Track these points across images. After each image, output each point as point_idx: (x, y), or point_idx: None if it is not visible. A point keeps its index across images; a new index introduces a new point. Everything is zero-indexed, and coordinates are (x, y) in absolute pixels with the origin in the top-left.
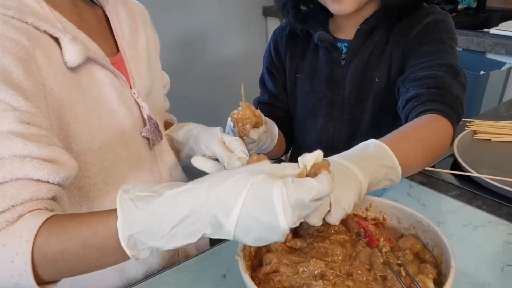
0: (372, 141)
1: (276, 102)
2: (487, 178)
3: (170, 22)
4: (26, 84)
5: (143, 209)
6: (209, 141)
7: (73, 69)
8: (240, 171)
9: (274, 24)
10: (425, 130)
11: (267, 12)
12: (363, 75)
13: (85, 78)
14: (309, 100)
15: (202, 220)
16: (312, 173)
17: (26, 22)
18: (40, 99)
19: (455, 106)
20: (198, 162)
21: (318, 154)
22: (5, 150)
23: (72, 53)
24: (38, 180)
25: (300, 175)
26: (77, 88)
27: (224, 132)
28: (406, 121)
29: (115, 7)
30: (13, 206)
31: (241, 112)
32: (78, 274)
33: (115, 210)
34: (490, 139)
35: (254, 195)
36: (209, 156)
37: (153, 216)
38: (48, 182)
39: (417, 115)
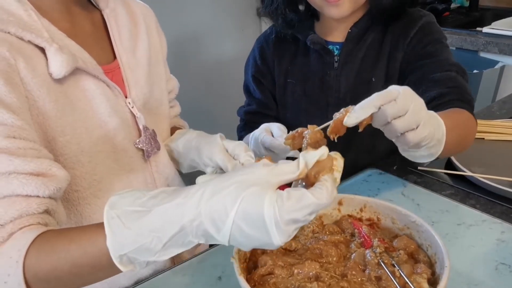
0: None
1: (265, 109)
2: (480, 177)
3: (164, 23)
4: (10, 97)
5: (131, 228)
6: (210, 152)
7: (59, 80)
8: (232, 181)
9: (268, 25)
10: (460, 119)
11: (261, 13)
12: (358, 76)
13: (73, 89)
14: (302, 104)
15: (194, 233)
16: (315, 173)
17: (8, 32)
18: (25, 111)
19: (472, 104)
20: (201, 181)
21: (322, 152)
22: None
23: (58, 64)
24: (26, 195)
25: (300, 176)
26: (64, 100)
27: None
28: None
29: (114, 10)
30: (1, 225)
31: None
32: (72, 286)
33: (103, 225)
34: (483, 138)
35: (245, 212)
36: (213, 167)
37: (144, 235)
38: (38, 196)
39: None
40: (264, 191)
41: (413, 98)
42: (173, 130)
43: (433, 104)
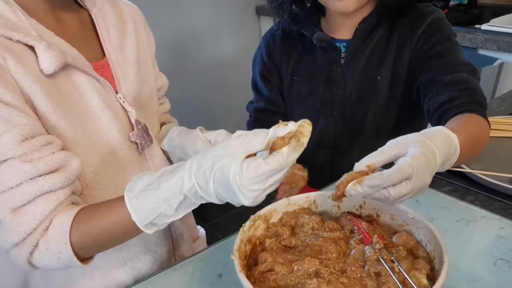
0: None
1: (274, 107)
2: (479, 173)
3: (163, 23)
4: (7, 96)
5: (149, 202)
6: (194, 146)
7: (51, 76)
8: (210, 156)
9: (267, 23)
10: (472, 125)
11: (260, 11)
12: (364, 74)
13: (65, 84)
14: (308, 101)
15: (194, 198)
16: (282, 142)
17: None
18: (25, 105)
19: (484, 104)
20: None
21: (290, 128)
22: (19, 176)
23: (47, 60)
24: (54, 191)
25: (266, 147)
26: (57, 94)
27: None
28: (439, 122)
29: (102, 10)
30: (42, 221)
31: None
32: (113, 247)
33: (123, 201)
34: None
35: (219, 180)
36: None
37: (159, 205)
38: (63, 187)
39: (454, 115)
40: (232, 162)
41: (424, 174)
42: (162, 126)
43: (444, 108)
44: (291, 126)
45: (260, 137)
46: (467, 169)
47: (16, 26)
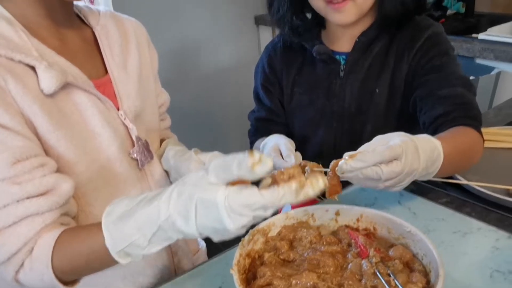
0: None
1: (275, 117)
2: (475, 185)
3: (163, 34)
4: (5, 118)
5: (123, 229)
6: (188, 169)
7: (51, 96)
8: (191, 182)
9: (266, 32)
10: (462, 137)
11: (259, 21)
12: (363, 86)
13: (65, 103)
14: (308, 112)
15: (171, 230)
16: (281, 177)
17: None
18: (24, 126)
19: (479, 118)
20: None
21: (288, 166)
22: (6, 198)
23: (47, 81)
24: (42, 213)
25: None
26: (57, 114)
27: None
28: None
29: (105, 27)
30: (27, 242)
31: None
32: (91, 273)
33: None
34: None
35: (202, 206)
36: None
37: (132, 234)
38: (51, 210)
39: (449, 128)
40: (218, 186)
41: (413, 158)
42: (162, 142)
43: (439, 122)
44: (264, 167)
45: (246, 162)
46: (463, 180)
47: (18, 46)
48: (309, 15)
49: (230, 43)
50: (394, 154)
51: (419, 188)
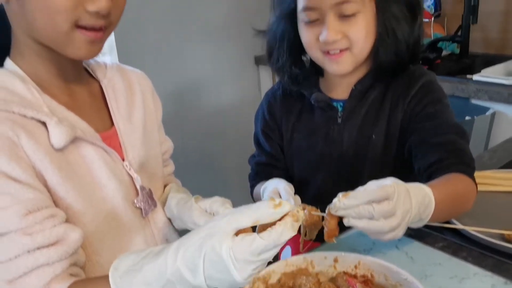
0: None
1: (275, 161)
2: (470, 229)
3: (164, 75)
4: (18, 172)
5: (130, 283)
6: (191, 217)
7: (61, 150)
8: (198, 237)
9: (266, 72)
10: (454, 184)
11: (259, 61)
12: (360, 132)
13: (74, 156)
14: (308, 156)
15: (178, 283)
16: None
17: (12, 111)
18: (35, 178)
19: (472, 165)
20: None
21: (283, 212)
22: (17, 249)
23: (58, 136)
24: (52, 263)
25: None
26: (66, 167)
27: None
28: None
29: (112, 80)
30: None
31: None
32: None
33: (108, 280)
34: None
35: (210, 259)
36: None
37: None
38: (61, 260)
39: (442, 175)
40: (223, 238)
41: (405, 199)
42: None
43: (433, 169)
44: (285, 207)
45: (249, 214)
46: (458, 225)
47: (30, 103)
48: (307, 64)
49: (231, 83)
50: (386, 194)
51: (416, 233)
